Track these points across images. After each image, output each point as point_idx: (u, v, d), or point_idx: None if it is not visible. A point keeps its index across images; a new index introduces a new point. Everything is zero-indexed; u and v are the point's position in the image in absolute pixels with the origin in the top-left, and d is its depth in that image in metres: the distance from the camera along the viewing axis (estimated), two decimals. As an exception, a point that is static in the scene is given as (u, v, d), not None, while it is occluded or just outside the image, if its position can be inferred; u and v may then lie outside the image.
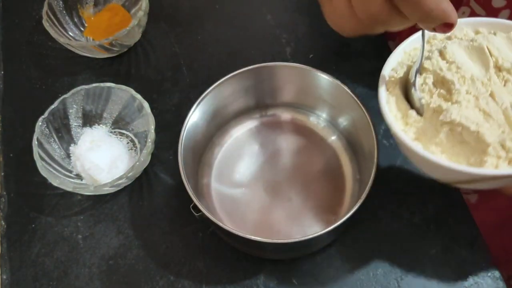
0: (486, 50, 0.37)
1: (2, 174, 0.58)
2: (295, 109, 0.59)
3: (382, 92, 0.40)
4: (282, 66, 0.53)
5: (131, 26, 0.60)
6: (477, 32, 0.41)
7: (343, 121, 0.55)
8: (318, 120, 0.58)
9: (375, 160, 0.46)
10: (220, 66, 0.65)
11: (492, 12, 0.48)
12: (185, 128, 0.50)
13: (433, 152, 0.37)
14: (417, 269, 0.50)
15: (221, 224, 0.44)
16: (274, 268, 0.51)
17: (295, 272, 0.51)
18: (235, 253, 0.52)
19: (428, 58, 0.39)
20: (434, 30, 0.34)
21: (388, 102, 0.40)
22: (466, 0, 0.51)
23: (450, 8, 0.32)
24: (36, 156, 0.52)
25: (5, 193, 0.57)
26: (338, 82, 0.51)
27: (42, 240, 0.54)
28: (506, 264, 0.52)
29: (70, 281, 0.52)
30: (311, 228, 0.51)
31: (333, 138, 0.56)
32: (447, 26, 0.33)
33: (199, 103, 0.51)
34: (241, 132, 0.58)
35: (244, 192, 0.54)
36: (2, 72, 0.66)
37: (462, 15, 0.52)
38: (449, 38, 0.41)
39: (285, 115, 0.59)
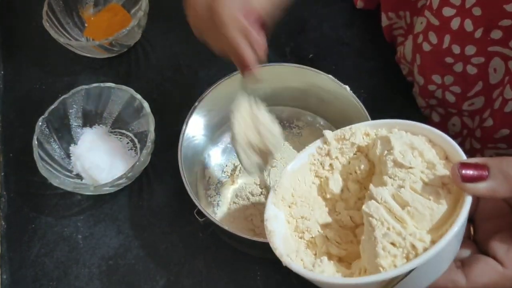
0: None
1: (2, 174, 0.58)
2: (295, 109, 0.59)
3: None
4: (282, 66, 0.53)
5: (131, 26, 0.60)
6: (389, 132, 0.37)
7: (343, 121, 0.55)
8: (318, 119, 0.58)
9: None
10: (220, 66, 0.65)
11: (444, 21, 0.48)
12: (185, 128, 0.50)
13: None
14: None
15: (226, 228, 0.44)
16: (274, 269, 0.51)
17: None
18: (235, 253, 0.52)
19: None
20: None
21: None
22: (422, 11, 0.51)
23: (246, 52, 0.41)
24: (36, 156, 0.52)
25: (5, 193, 0.57)
26: (338, 82, 0.51)
27: (42, 240, 0.54)
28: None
29: (70, 281, 0.52)
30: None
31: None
32: (245, 68, 0.42)
33: (199, 103, 0.51)
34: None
35: (245, 191, 0.54)
36: (2, 72, 0.66)
37: (420, 24, 0.53)
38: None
39: (285, 115, 0.59)
